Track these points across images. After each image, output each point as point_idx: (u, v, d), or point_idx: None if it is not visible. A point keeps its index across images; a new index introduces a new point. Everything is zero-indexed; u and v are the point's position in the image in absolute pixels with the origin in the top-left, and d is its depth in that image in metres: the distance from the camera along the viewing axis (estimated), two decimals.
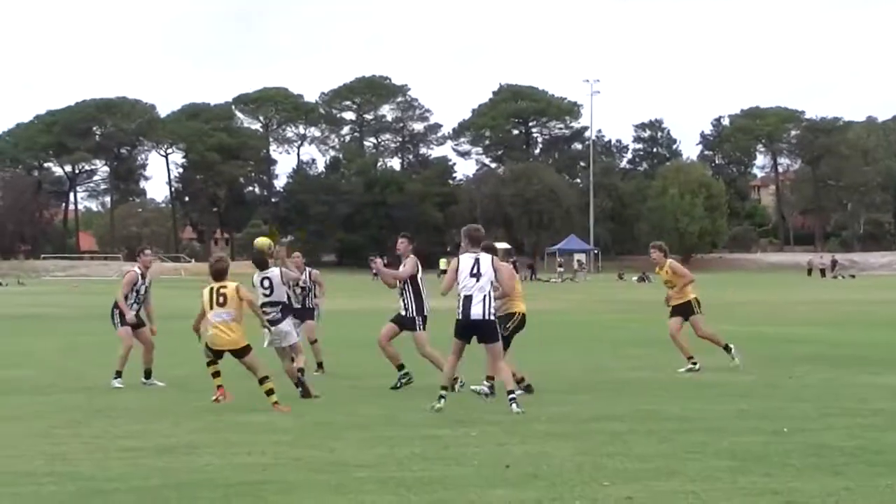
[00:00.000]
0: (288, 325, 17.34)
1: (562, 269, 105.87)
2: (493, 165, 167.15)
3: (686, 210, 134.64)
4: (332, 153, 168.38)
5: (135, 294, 18.42)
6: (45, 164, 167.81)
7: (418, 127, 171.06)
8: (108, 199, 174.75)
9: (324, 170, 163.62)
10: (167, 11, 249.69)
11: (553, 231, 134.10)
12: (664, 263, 20.66)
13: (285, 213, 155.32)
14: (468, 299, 14.55)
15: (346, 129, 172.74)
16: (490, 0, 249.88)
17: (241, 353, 15.32)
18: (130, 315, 18.20)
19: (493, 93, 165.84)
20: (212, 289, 15.57)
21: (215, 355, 15.48)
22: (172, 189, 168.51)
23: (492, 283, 14.71)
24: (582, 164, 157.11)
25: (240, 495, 9.28)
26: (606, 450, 11.42)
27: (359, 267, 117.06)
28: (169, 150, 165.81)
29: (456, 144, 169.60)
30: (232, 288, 15.58)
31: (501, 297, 15.61)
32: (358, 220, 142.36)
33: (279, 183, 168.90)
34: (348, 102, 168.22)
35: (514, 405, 14.15)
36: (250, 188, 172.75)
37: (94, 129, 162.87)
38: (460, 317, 14.49)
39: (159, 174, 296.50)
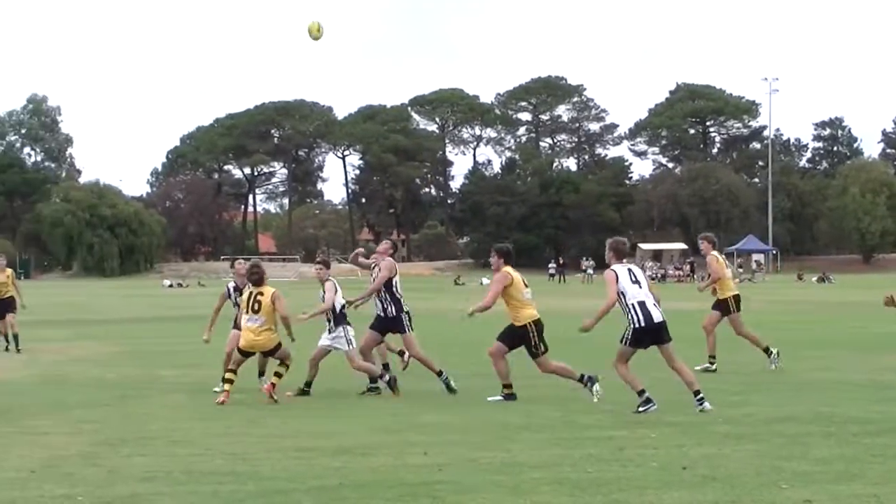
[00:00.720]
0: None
1: (740, 270, 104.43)
2: (670, 165, 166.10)
3: (867, 209, 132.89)
4: (508, 154, 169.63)
5: (238, 308, 18.30)
6: (225, 167, 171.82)
7: (594, 127, 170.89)
8: (286, 200, 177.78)
9: (499, 170, 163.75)
10: (343, 13, 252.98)
11: (731, 231, 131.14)
12: (708, 254, 21.15)
13: (461, 214, 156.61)
14: (643, 305, 14.81)
15: (521, 130, 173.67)
16: None
17: (272, 352, 16.54)
18: (208, 334, 18.64)
19: (670, 92, 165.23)
20: (251, 293, 16.42)
21: (244, 355, 16.48)
22: (349, 191, 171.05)
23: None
24: (760, 163, 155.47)
25: (416, 496, 9.32)
26: (785, 452, 11.28)
27: (535, 268, 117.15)
28: (346, 152, 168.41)
29: (632, 144, 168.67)
30: (268, 296, 16.37)
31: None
32: (533, 221, 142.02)
33: (455, 184, 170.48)
34: (524, 103, 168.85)
35: (705, 404, 14.37)
36: (426, 189, 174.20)
37: (273, 131, 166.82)
38: (643, 324, 14.56)
39: (336, 176, 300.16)
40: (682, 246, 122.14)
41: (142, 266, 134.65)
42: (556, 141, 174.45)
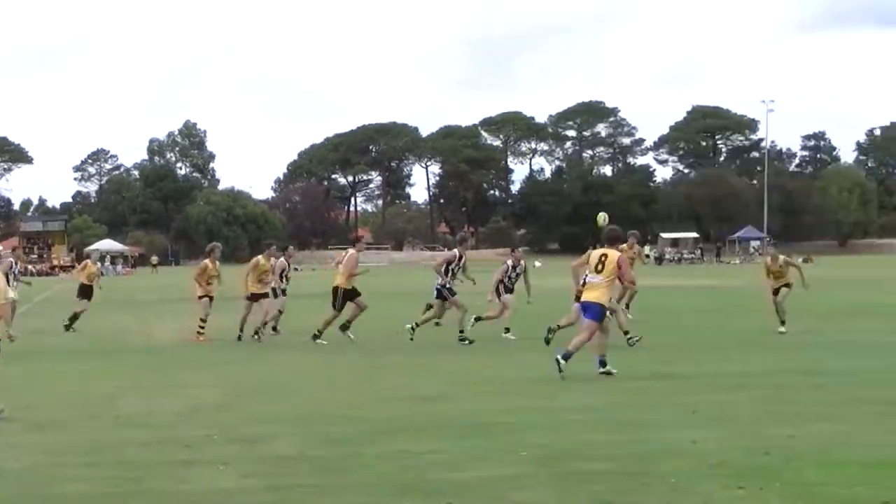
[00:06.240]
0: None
1: (741, 254, 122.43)
2: (686, 171, 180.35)
3: (843, 205, 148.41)
4: (557, 163, 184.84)
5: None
6: (333, 176, 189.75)
7: (626, 141, 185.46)
8: (380, 202, 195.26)
9: (550, 176, 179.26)
10: (429, 53, 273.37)
11: (734, 223, 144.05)
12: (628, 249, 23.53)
13: (519, 211, 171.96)
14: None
15: (568, 144, 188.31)
16: (696, 32, 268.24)
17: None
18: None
19: (687, 112, 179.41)
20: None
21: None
22: (431, 193, 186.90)
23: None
24: (758, 168, 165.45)
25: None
26: (776, 397, 12.98)
27: (579, 252, 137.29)
28: (428, 163, 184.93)
29: (656, 154, 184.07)
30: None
31: None
32: (577, 216, 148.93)
33: (514, 187, 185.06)
34: (571, 122, 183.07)
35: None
36: (492, 192, 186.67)
37: (371, 147, 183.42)
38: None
39: (421, 181, 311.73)
40: (694, 235, 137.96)
41: None
42: (595, 152, 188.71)
